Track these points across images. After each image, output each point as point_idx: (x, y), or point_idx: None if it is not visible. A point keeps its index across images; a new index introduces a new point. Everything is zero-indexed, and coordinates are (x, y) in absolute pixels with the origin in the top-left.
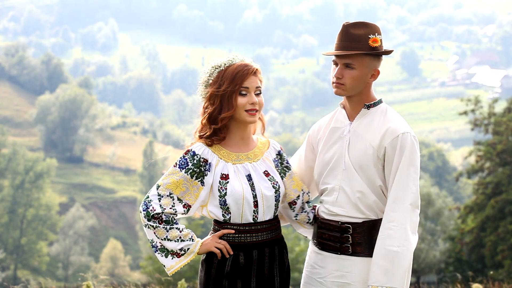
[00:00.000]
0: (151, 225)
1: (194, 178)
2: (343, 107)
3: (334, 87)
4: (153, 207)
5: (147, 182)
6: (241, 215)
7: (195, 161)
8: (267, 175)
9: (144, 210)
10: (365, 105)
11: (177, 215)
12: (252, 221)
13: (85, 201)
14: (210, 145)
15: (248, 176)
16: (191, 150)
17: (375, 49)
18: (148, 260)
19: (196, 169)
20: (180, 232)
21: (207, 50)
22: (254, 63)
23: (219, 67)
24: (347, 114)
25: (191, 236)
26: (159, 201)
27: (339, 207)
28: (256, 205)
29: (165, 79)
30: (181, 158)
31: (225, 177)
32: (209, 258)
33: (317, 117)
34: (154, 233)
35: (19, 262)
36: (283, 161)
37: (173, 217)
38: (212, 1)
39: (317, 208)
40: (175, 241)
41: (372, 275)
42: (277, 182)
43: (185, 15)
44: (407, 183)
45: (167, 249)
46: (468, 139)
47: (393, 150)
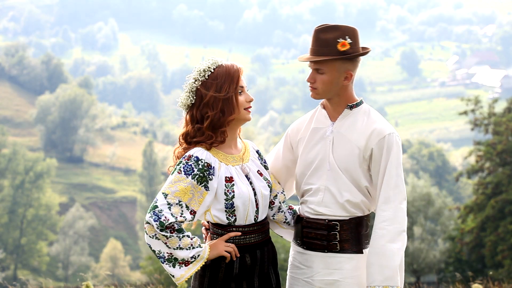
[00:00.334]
0: (163, 235)
1: (198, 183)
2: (323, 107)
3: (310, 91)
4: (166, 217)
5: (147, 182)
6: (246, 216)
7: (200, 166)
8: (261, 174)
9: (156, 220)
10: (348, 105)
11: (185, 223)
12: (253, 222)
13: (85, 201)
14: (209, 149)
15: (246, 177)
16: (193, 155)
17: (344, 53)
18: (148, 260)
19: (201, 174)
20: (191, 239)
21: (207, 50)
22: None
23: (207, 70)
24: (328, 114)
25: (199, 242)
26: (170, 209)
27: (325, 207)
28: (257, 205)
29: (165, 79)
30: (184, 164)
31: (230, 180)
32: (215, 262)
33: None
34: (165, 243)
35: (19, 262)
36: (262, 160)
37: (181, 225)
38: (212, 1)
39: (299, 208)
40: (187, 249)
41: (369, 275)
42: (270, 181)
43: (185, 15)
44: (397, 182)
45: (176, 259)
46: (468, 139)
47: (380, 150)
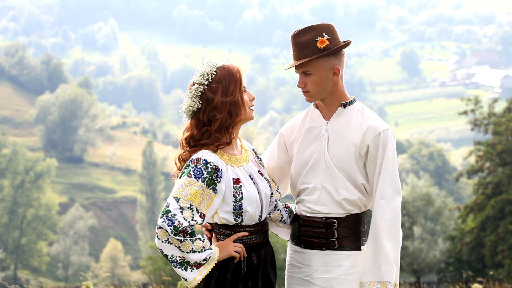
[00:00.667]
0: (177, 240)
1: (207, 186)
2: (316, 106)
3: (304, 95)
4: (179, 221)
5: (147, 182)
6: (253, 216)
7: (210, 169)
8: (262, 174)
9: (170, 225)
10: (342, 104)
11: (195, 226)
12: (258, 221)
13: (85, 201)
14: (215, 151)
15: (250, 177)
16: (201, 158)
17: (325, 49)
18: (148, 260)
19: (210, 177)
20: (202, 242)
21: (207, 50)
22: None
23: (210, 74)
24: (321, 113)
25: (209, 243)
26: (182, 214)
27: (322, 205)
28: (261, 205)
29: (165, 79)
30: (193, 167)
31: (237, 181)
32: (223, 263)
33: None
34: (178, 247)
35: (19, 262)
36: (258, 159)
37: (193, 228)
38: (212, 1)
39: (296, 207)
40: (199, 252)
41: (364, 272)
42: (270, 180)
43: (185, 15)
44: (393, 178)
45: (188, 262)
46: (468, 139)
47: (376, 147)
